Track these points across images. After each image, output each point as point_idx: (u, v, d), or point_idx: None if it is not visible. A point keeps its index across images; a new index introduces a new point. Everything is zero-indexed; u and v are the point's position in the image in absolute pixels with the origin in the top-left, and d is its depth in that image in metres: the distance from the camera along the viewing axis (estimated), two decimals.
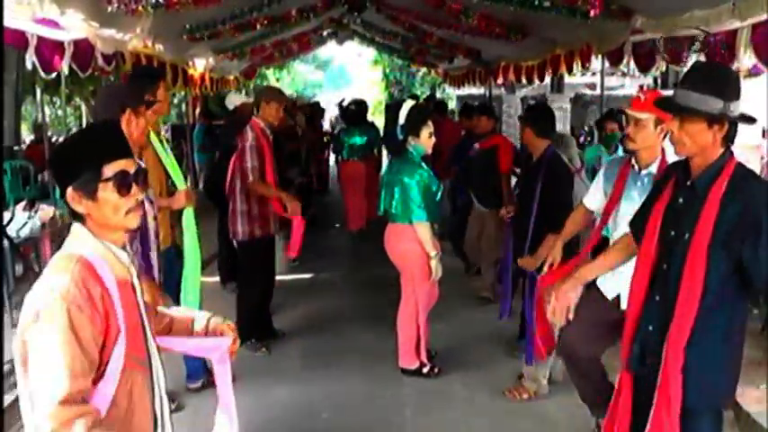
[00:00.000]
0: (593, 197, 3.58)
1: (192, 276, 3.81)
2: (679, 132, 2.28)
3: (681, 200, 2.37)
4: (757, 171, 13.47)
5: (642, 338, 2.46)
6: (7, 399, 3.93)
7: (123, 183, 1.76)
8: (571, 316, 2.85)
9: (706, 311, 2.26)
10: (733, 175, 2.26)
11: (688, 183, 2.35)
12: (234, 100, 7.08)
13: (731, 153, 2.31)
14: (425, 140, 4.42)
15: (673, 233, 2.36)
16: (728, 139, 2.29)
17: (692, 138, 2.26)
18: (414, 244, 4.39)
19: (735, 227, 2.20)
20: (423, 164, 4.46)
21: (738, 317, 2.40)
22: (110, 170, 1.75)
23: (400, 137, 4.40)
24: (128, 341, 1.74)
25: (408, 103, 4.52)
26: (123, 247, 1.85)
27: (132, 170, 1.80)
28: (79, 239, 1.77)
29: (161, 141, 3.89)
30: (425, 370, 4.62)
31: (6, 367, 3.84)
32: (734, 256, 2.22)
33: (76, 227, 1.79)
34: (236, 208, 4.79)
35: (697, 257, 2.24)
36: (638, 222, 2.61)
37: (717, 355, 2.36)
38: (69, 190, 1.74)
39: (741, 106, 2.31)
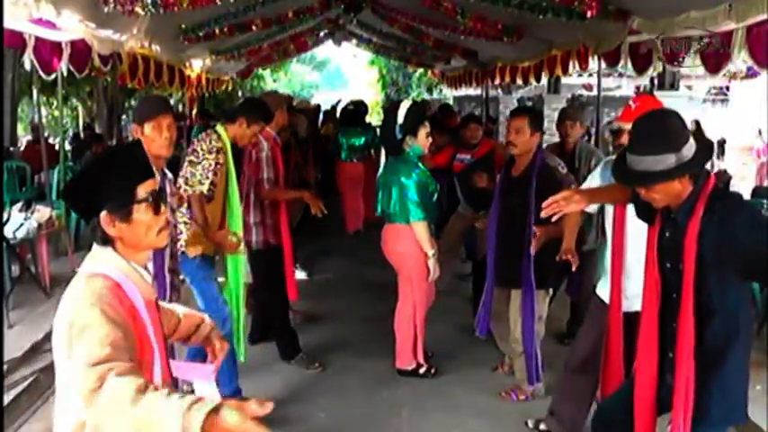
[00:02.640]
0: None
1: (235, 280, 4.06)
2: (647, 193, 2.34)
3: (667, 233, 2.44)
4: (753, 171, 13.43)
5: (666, 367, 2.49)
6: (7, 399, 3.93)
7: (156, 202, 1.78)
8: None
9: (718, 332, 2.35)
10: (708, 200, 2.29)
11: (672, 216, 2.41)
12: None
13: (706, 176, 2.34)
14: (422, 140, 4.42)
15: (669, 265, 2.44)
16: (696, 176, 2.31)
17: (660, 193, 2.32)
18: (411, 244, 4.39)
19: (717, 247, 2.25)
20: (419, 164, 4.46)
21: (745, 330, 2.46)
22: (143, 191, 1.76)
23: (399, 136, 4.40)
24: (161, 360, 1.76)
25: (406, 104, 4.52)
26: (145, 267, 1.87)
27: (158, 188, 1.82)
28: (104, 261, 1.75)
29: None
30: (422, 370, 4.62)
31: (5, 367, 3.84)
32: (729, 271, 2.28)
33: (102, 249, 1.77)
34: (249, 220, 4.60)
35: (688, 287, 2.31)
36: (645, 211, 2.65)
37: (737, 372, 2.43)
38: (103, 214, 1.72)
39: (738, 108, 2.34)
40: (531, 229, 3.89)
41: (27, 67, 4.42)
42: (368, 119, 9.78)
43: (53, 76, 4.85)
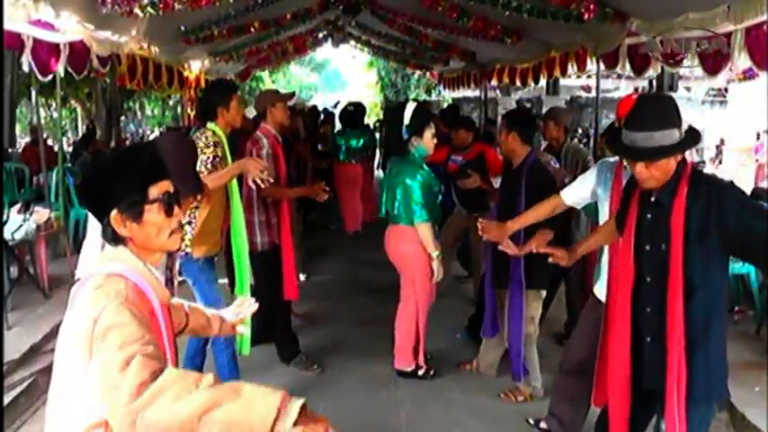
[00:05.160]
0: (576, 193, 3.56)
1: (240, 280, 4.05)
2: (648, 170, 2.39)
3: (649, 215, 2.49)
4: (751, 172, 13.47)
5: (645, 353, 2.53)
6: (6, 400, 3.92)
7: (169, 204, 1.76)
8: None
9: (702, 309, 2.39)
10: (690, 178, 2.38)
11: (652, 199, 2.47)
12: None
13: (685, 161, 2.43)
14: (428, 141, 4.41)
15: (648, 247, 2.49)
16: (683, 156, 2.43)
17: (660, 170, 2.38)
18: (415, 245, 4.38)
19: (703, 221, 2.32)
20: (424, 165, 4.45)
21: (724, 306, 2.56)
22: (155, 191, 1.74)
23: (405, 137, 4.40)
24: (171, 363, 1.76)
25: (411, 105, 4.51)
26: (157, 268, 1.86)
27: (172, 191, 1.79)
28: (120, 260, 1.73)
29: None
30: (421, 372, 4.61)
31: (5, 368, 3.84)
32: (712, 246, 2.34)
33: (118, 249, 1.75)
34: (253, 219, 4.56)
35: (677, 265, 2.36)
36: (621, 219, 2.73)
37: (718, 348, 2.48)
38: (114, 213, 1.70)
39: (737, 110, 2.41)
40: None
41: (25, 68, 4.41)
42: (366, 120, 9.78)
43: (50, 77, 4.84)
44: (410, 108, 4.41)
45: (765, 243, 2.21)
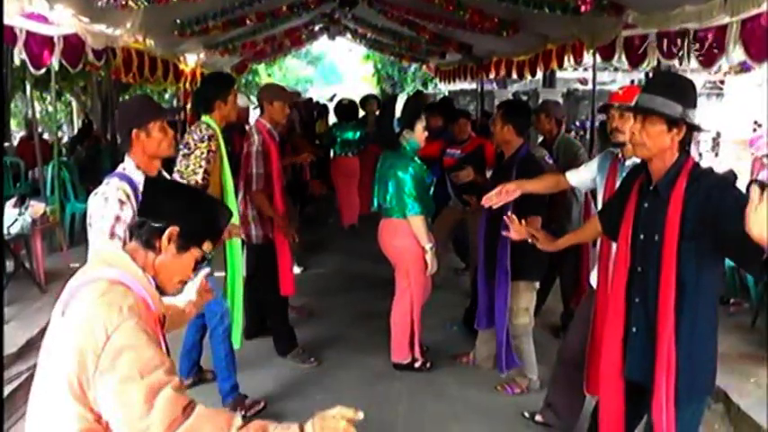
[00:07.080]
0: (579, 175, 3.68)
1: (234, 278, 4.05)
2: (640, 134, 2.41)
3: (646, 204, 2.50)
4: (747, 165, 13.48)
5: (630, 342, 2.54)
6: (6, 391, 3.92)
7: (201, 261, 1.88)
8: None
9: (690, 305, 2.37)
10: (690, 173, 2.38)
11: (651, 188, 2.47)
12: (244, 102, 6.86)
13: (687, 154, 2.44)
14: (419, 134, 4.43)
15: (642, 237, 2.49)
16: (685, 143, 2.42)
17: (652, 139, 2.39)
18: (409, 239, 4.39)
19: (699, 217, 2.31)
20: (416, 157, 4.46)
21: (714, 305, 2.53)
22: (207, 246, 1.86)
23: (397, 130, 4.41)
24: None
25: (403, 98, 4.52)
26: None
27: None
28: (123, 269, 1.74)
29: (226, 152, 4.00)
30: (418, 364, 4.63)
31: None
32: (705, 244, 2.32)
33: (118, 254, 1.78)
34: (247, 213, 4.61)
35: (669, 257, 2.35)
36: (607, 214, 2.79)
37: (707, 346, 2.47)
38: (177, 229, 1.78)
39: (733, 102, 2.39)
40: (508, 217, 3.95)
41: (17, 61, 4.38)
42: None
43: (42, 71, 4.81)
44: (402, 101, 4.43)
45: (760, 248, 2.15)
